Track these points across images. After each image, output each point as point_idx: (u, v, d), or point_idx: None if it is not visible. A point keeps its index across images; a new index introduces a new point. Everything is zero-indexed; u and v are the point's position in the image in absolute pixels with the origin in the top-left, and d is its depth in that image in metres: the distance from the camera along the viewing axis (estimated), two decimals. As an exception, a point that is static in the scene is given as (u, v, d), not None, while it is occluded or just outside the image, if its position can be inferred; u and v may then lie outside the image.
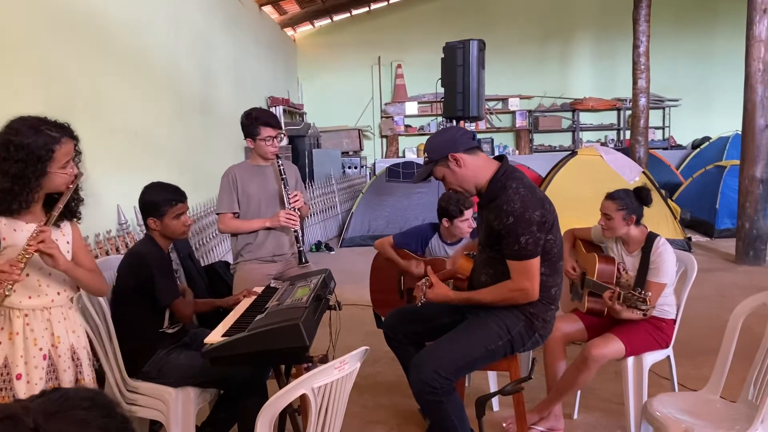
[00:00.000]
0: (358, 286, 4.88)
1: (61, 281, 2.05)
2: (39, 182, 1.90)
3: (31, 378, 1.94)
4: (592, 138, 11.82)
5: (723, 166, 8.22)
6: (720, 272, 6.19)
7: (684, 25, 11.33)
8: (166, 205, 2.63)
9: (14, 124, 1.90)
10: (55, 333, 2.01)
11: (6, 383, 1.90)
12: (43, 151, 1.88)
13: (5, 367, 1.91)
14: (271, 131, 3.29)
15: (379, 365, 3.83)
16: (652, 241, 2.90)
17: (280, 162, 3.33)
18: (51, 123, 1.94)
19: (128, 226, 4.03)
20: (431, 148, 2.49)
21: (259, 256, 3.35)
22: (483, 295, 2.47)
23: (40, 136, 1.88)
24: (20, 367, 1.92)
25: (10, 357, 1.91)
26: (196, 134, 5.87)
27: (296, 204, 3.32)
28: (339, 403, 1.80)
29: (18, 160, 1.85)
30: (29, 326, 1.95)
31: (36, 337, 1.96)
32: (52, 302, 2.02)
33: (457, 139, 2.46)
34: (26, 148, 1.86)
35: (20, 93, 3.15)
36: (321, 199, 8.68)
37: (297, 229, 3.33)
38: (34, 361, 1.95)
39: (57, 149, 1.91)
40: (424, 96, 11.51)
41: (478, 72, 5.36)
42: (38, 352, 1.96)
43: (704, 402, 2.42)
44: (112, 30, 4.17)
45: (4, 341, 1.92)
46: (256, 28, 8.58)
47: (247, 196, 3.34)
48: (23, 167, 1.86)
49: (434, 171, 2.50)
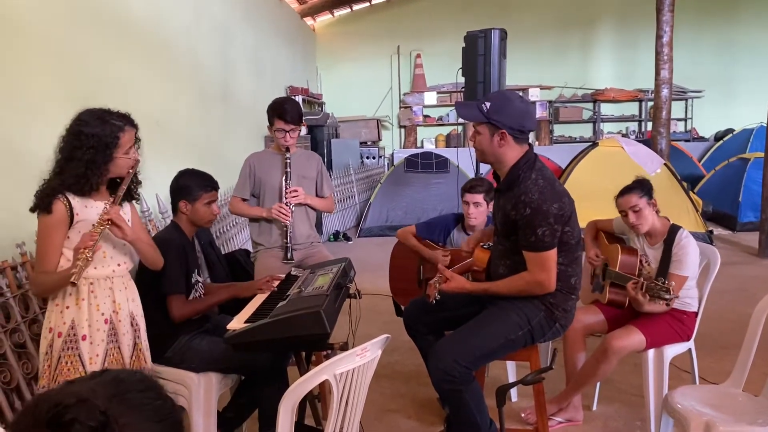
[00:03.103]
0: (375, 275, 4.90)
1: (122, 254, 2.27)
2: (107, 166, 2.14)
3: (93, 339, 2.15)
4: (613, 129, 11.68)
5: (746, 159, 8.09)
6: (742, 266, 6.12)
7: (707, 15, 11.14)
8: (201, 189, 2.70)
9: (82, 116, 2.13)
10: (117, 300, 2.22)
11: (72, 343, 2.12)
12: (110, 139, 2.12)
13: (72, 329, 2.13)
14: (283, 124, 3.30)
15: (397, 354, 3.84)
16: (675, 234, 2.87)
17: (288, 155, 3.34)
18: (114, 113, 2.17)
19: (150, 214, 4.08)
20: (499, 109, 2.37)
21: (273, 244, 3.38)
22: (499, 287, 2.47)
23: (107, 125, 2.12)
24: (85, 329, 2.14)
25: (77, 320, 2.13)
26: (217, 123, 5.90)
27: (293, 200, 3.31)
28: (360, 390, 1.82)
29: (89, 147, 2.08)
30: (93, 293, 2.17)
31: (99, 303, 2.17)
32: (113, 272, 2.23)
33: (522, 123, 2.38)
34: (96, 136, 2.09)
35: (42, 82, 3.19)
36: (339, 189, 8.69)
37: (287, 224, 3.31)
38: (96, 324, 2.16)
39: (121, 136, 2.15)
40: (444, 86, 11.45)
41: (499, 62, 5.30)
42: (101, 317, 2.17)
43: (726, 395, 2.40)
44: (133, 19, 4.20)
45: (72, 306, 2.14)
46: (275, 17, 8.59)
47: (261, 183, 3.41)
48: (94, 153, 2.09)
49: (477, 124, 2.42)
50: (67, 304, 2.14)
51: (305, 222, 3.46)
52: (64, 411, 0.76)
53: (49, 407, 0.77)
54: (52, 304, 2.16)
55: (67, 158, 2.11)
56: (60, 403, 0.77)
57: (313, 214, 3.54)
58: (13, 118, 2.94)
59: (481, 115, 2.39)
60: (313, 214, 3.55)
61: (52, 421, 0.76)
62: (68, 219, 2.11)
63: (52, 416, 0.76)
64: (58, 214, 2.10)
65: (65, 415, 0.76)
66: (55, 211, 2.09)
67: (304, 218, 3.45)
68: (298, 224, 3.41)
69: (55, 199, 2.09)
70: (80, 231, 2.13)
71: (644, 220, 2.90)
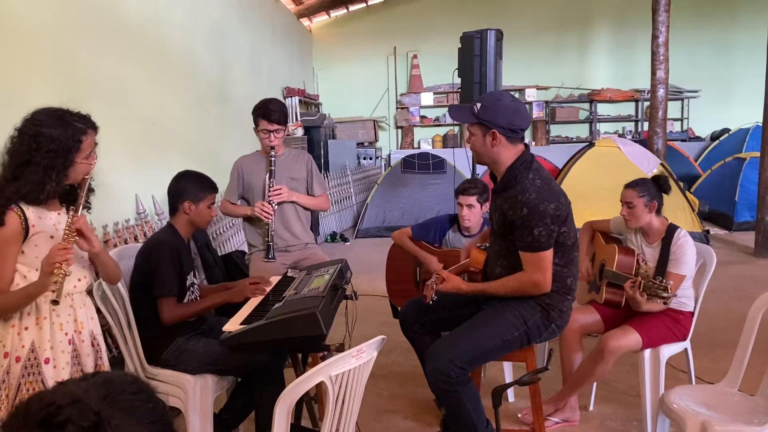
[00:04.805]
0: (372, 276, 4.90)
1: (81, 269, 2.09)
2: (66, 173, 1.95)
3: (57, 362, 1.97)
4: (610, 129, 11.69)
5: (743, 158, 8.11)
6: (739, 265, 6.13)
7: (703, 15, 11.15)
8: (205, 191, 2.71)
9: (39, 116, 1.93)
10: (78, 319, 2.06)
11: (34, 368, 1.93)
12: (71, 142, 1.93)
13: (32, 352, 1.93)
14: (267, 125, 3.29)
15: (394, 355, 3.84)
16: (673, 233, 2.88)
17: (272, 154, 3.33)
18: (75, 114, 1.98)
19: (146, 215, 4.07)
20: (489, 108, 2.38)
21: (265, 245, 3.36)
22: (496, 287, 2.47)
23: (69, 127, 1.93)
24: (47, 351, 1.95)
25: (37, 342, 1.94)
26: (213, 124, 5.89)
27: (275, 198, 3.29)
28: (356, 391, 1.81)
29: (49, 151, 1.89)
30: (55, 312, 1.98)
31: (62, 323, 2.00)
32: (74, 288, 2.05)
33: (512, 122, 2.37)
34: (57, 139, 1.90)
35: (37, 83, 3.18)
36: (336, 189, 8.68)
37: (269, 223, 3.29)
38: (60, 345, 1.98)
39: (84, 140, 1.96)
40: (440, 86, 11.45)
41: (495, 62, 5.31)
42: (64, 337, 2.00)
43: (722, 395, 2.40)
44: (129, 20, 4.19)
45: (31, 327, 1.95)
46: (272, 18, 8.58)
47: (250, 186, 3.41)
48: (53, 158, 1.90)
49: (470, 126, 2.44)
50: (26, 324, 1.94)
51: (297, 222, 3.43)
52: (58, 411, 0.76)
53: (41, 407, 0.77)
54: (6, 326, 1.93)
55: (22, 163, 1.90)
56: (53, 403, 0.77)
57: (306, 214, 3.50)
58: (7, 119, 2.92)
59: (472, 116, 2.40)
60: (306, 214, 3.51)
61: (45, 422, 0.76)
62: (23, 232, 1.91)
63: (45, 416, 0.76)
64: (12, 226, 1.89)
65: (59, 415, 0.76)
66: (9, 224, 1.89)
67: (296, 218, 3.42)
68: (291, 225, 3.40)
69: (9, 210, 1.89)
70: (36, 245, 1.94)
71: (635, 217, 2.92)
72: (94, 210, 2.18)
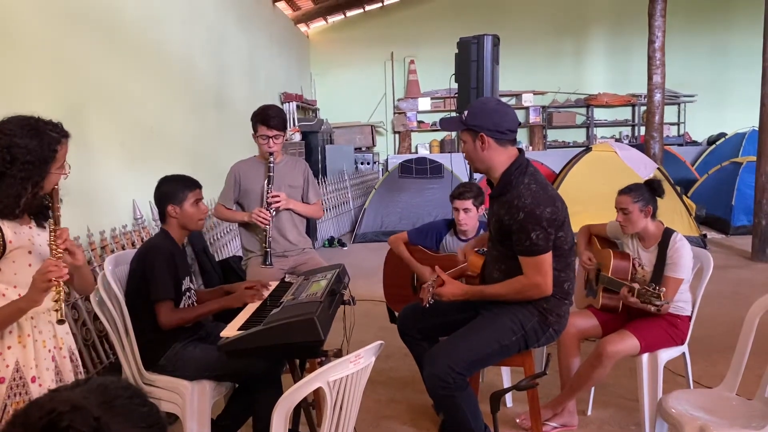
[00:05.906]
0: (370, 281, 4.90)
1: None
2: (41, 184, 1.87)
3: (43, 381, 1.90)
4: (607, 134, 11.73)
5: (739, 163, 8.13)
6: (736, 269, 6.14)
7: (700, 20, 11.20)
8: (185, 189, 2.67)
9: (9, 126, 1.83)
10: (58, 335, 2.00)
11: (20, 387, 1.86)
12: (48, 152, 1.85)
13: (17, 371, 1.85)
14: (266, 130, 3.29)
15: (392, 360, 3.84)
16: (669, 237, 2.88)
17: (271, 160, 3.33)
18: (48, 123, 1.89)
19: (143, 221, 4.07)
20: (475, 113, 2.42)
21: (262, 251, 3.36)
22: (496, 290, 2.47)
23: (44, 137, 1.85)
24: (33, 370, 1.88)
25: (21, 360, 1.87)
26: (211, 129, 5.90)
27: (275, 205, 3.29)
28: (354, 397, 1.81)
29: (25, 162, 1.81)
30: (37, 328, 1.92)
31: (44, 339, 1.94)
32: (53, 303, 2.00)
33: (498, 124, 2.39)
34: (33, 151, 1.82)
35: (35, 89, 3.18)
36: (334, 194, 8.69)
37: (266, 229, 3.29)
38: (45, 363, 1.92)
39: (59, 149, 1.89)
40: (437, 92, 11.47)
41: (492, 67, 5.33)
42: (47, 354, 1.94)
43: (720, 399, 2.41)
44: (127, 26, 4.20)
45: (14, 345, 1.87)
46: (269, 23, 8.60)
47: (246, 191, 3.40)
48: (30, 170, 1.82)
49: (461, 133, 2.48)
50: (8, 343, 1.85)
51: (293, 229, 3.43)
52: (59, 418, 0.76)
53: (42, 414, 0.76)
54: None
55: None
56: (54, 410, 0.76)
57: (301, 220, 3.50)
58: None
59: (460, 123, 2.44)
60: (302, 220, 3.51)
61: (47, 428, 0.75)
62: (1, 248, 1.83)
63: (47, 423, 0.76)
64: None
65: (60, 422, 0.75)
66: None
67: (292, 225, 3.43)
68: (286, 231, 3.40)
69: None
70: (14, 261, 1.86)
71: (631, 223, 2.92)
72: (91, 216, 2.18)
